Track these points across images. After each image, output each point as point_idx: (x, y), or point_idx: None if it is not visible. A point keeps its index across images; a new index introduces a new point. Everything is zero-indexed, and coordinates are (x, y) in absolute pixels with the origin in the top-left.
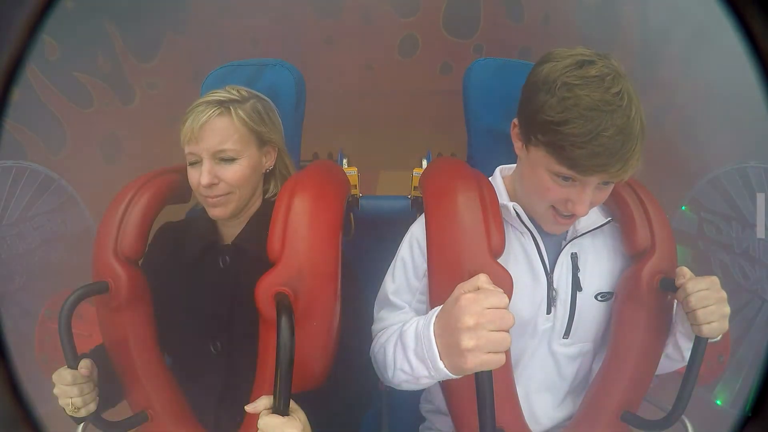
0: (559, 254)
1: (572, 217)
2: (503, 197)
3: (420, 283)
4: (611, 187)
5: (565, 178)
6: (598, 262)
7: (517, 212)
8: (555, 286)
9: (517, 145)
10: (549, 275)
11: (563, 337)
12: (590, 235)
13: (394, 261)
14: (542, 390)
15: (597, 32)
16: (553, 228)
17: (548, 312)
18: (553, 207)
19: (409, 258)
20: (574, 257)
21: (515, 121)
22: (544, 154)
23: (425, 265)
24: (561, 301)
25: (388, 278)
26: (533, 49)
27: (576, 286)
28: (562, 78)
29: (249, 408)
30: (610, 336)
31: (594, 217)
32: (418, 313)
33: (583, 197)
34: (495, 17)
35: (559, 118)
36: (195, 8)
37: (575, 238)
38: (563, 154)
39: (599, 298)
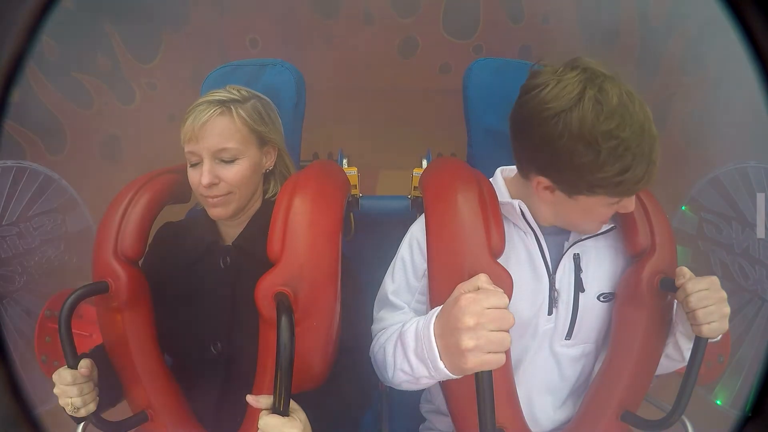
0: (561, 255)
1: None
2: (505, 197)
3: (419, 283)
4: None
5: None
6: (600, 263)
7: (521, 210)
8: (557, 286)
9: (545, 195)
10: (551, 276)
11: (565, 338)
12: (593, 237)
13: (393, 261)
14: (543, 391)
15: (597, 32)
16: (598, 228)
17: (549, 313)
18: None
19: (408, 258)
20: (576, 258)
21: (540, 179)
22: (604, 197)
23: (425, 265)
24: (563, 301)
25: (387, 278)
26: (533, 48)
27: (578, 286)
28: (597, 128)
29: (250, 399)
30: (610, 336)
31: None
32: (418, 313)
33: (632, 201)
34: (495, 17)
35: (619, 169)
36: (194, 8)
37: (578, 241)
38: (627, 192)
39: (602, 299)
